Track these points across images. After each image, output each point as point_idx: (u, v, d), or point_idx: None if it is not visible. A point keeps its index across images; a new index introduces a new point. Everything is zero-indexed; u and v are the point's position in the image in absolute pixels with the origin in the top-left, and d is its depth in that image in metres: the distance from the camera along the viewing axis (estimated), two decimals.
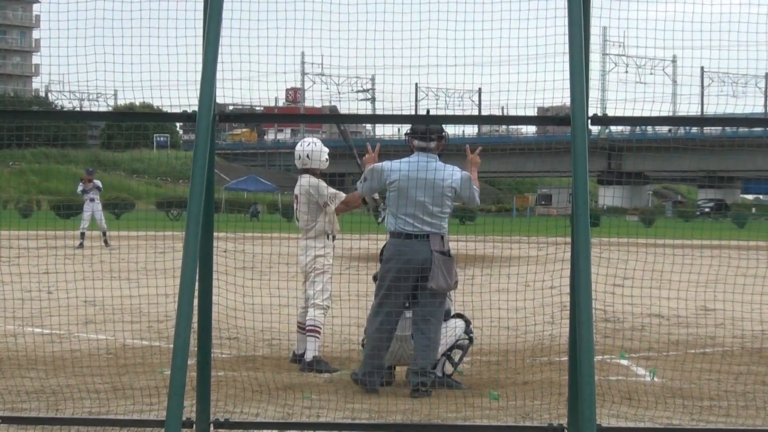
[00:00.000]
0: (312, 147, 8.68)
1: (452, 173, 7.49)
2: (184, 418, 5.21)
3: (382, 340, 7.44)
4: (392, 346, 7.67)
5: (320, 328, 8.46)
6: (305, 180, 8.63)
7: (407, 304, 7.54)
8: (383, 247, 7.63)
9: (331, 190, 8.60)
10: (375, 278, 7.84)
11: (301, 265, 8.66)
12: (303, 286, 8.75)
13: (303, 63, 70.73)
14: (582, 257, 5.03)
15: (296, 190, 8.76)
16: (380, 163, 7.63)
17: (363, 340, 7.92)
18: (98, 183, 26.62)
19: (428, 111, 7.37)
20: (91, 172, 27.11)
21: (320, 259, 8.50)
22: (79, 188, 26.55)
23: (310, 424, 6.13)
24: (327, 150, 8.76)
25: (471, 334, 7.98)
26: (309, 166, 8.64)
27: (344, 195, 8.58)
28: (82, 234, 24.82)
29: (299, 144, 8.80)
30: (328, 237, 8.57)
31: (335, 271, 8.91)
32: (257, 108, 30.39)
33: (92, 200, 25.84)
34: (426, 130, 7.49)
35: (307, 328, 8.43)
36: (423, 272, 7.33)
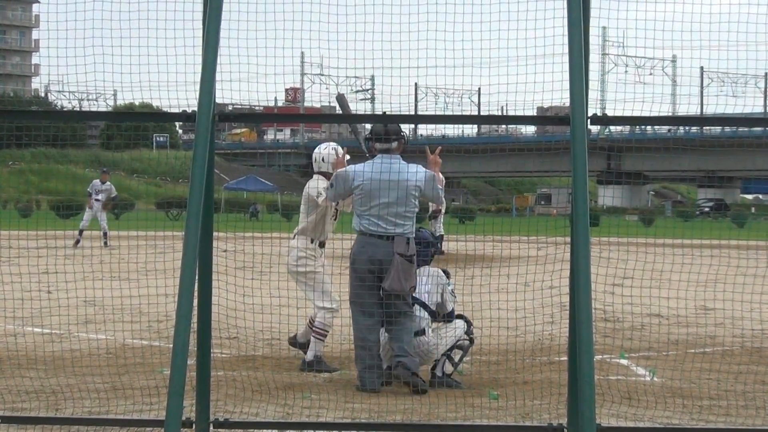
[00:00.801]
0: (328, 151, 8.71)
1: (416, 173, 7.57)
2: (183, 418, 5.21)
3: (367, 340, 7.46)
4: (389, 346, 7.67)
5: (327, 332, 8.46)
6: (312, 181, 8.67)
7: (425, 304, 7.61)
8: (352, 247, 7.67)
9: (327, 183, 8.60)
10: None
11: (288, 266, 8.66)
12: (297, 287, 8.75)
13: (302, 63, 70.65)
14: (582, 257, 5.03)
15: None
16: (344, 168, 7.71)
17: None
18: (112, 188, 26.45)
19: (384, 112, 7.47)
20: (107, 171, 27.02)
21: (303, 260, 8.50)
22: (95, 186, 26.12)
23: (310, 424, 6.13)
24: (346, 157, 8.78)
25: (471, 335, 7.98)
26: (323, 170, 8.68)
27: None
28: (81, 231, 24.75)
29: (317, 148, 8.85)
30: (312, 241, 8.56)
31: (335, 271, 8.91)
32: (257, 108, 30.38)
33: (98, 200, 25.73)
34: (385, 131, 7.57)
35: (314, 328, 8.43)
36: (381, 273, 7.40)
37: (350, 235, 9.12)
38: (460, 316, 8.02)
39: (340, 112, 8.45)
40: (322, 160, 8.69)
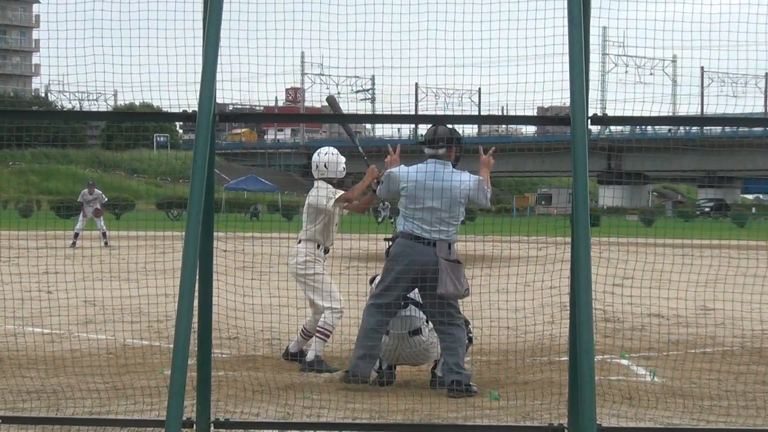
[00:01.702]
0: (329, 157, 8.71)
1: (465, 179, 7.51)
2: (184, 418, 5.21)
3: (375, 332, 7.45)
4: (389, 345, 7.67)
5: (330, 332, 8.45)
6: (314, 189, 8.67)
7: (419, 304, 7.56)
8: (391, 245, 7.63)
9: (331, 189, 8.62)
10: (372, 281, 7.88)
11: (290, 270, 8.67)
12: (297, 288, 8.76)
13: (303, 63, 70.66)
14: (582, 257, 5.03)
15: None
16: (395, 169, 7.64)
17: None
18: (101, 195, 27.02)
19: (416, 110, 7.46)
20: (92, 185, 27.44)
21: (310, 264, 8.52)
22: (85, 197, 26.85)
23: (310, 424, 6.13)
24: (344, 159, 8.81)
25: (470, 334, 7.98)
26: (326, 176, 8.68)
27: (341, 192, 8.58)
28: (76, 234, 25.09)
29: (316, 153, 8.82)
30: (318, 246, 8.58)
31: (334, 272, 8.92)
32: (257, 108, 30.37)
33: (91, 207, 26.44)
34: (434, 138, 7.52)
35: (318, 328, 8.43)
36: (426, 278, 7.33)
37: (349, 235, 9.15)
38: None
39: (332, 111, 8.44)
40: (325, 166, 8.69)
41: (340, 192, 8.54)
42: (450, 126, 7.74)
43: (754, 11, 6.32)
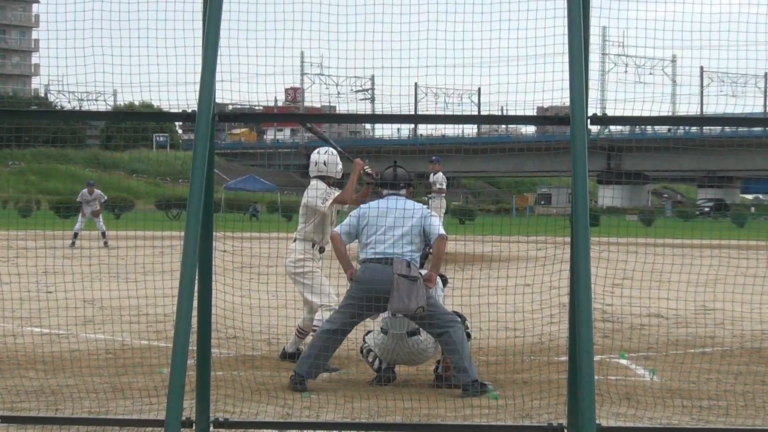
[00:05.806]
0: (329, 156, 8.78)
1: (420, 209, 7.72)
2: (183, 418, 5.21)
3: (324, 351, 7.50)
4: (388, 344, 7.68)
5: None
6: (310, 188, 8.71)
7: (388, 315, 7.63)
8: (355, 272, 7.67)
9: (328, 190, 8.67)
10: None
11: (287, 269, 8.71)
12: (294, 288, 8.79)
13: (302, 63, 70.65)
14: (582, 257, 5.03)
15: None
16: (354, 211, 7.85)
17: (364, 338, 7.92)
18: (100, 195, 27.09)
19: (395, 161, 7.79)
20: (92, 185, 27.46)
21: (302, 261, 8.57)
22: (84, 197, 26.88)
23: (310, 424, 6.13)
24: (341, 163, 8.89)
25: (468, 330, 7.98)
26: (325, 173, 8.73)
27: (337, 193, 8.64)
28: (75, 234, 25.11)
29: (315, 152, 8.88)
30: (313, 246, 8.63)
31: (333, 273, 8.92)
32: (257, 108, 30.37)
33: (90, 207, 26.51)
34: (395, 177, 7.80)
35: (314, 326, 8.44)
36: (381, 294, 7.38)
37: None
38: (455, 313, 8.00)
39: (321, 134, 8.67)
40: (324, 164, 8.74)
41: (336, 193, 8.58)
42: (404, 169, 7.97)
43: (754, 11, 6.33)
